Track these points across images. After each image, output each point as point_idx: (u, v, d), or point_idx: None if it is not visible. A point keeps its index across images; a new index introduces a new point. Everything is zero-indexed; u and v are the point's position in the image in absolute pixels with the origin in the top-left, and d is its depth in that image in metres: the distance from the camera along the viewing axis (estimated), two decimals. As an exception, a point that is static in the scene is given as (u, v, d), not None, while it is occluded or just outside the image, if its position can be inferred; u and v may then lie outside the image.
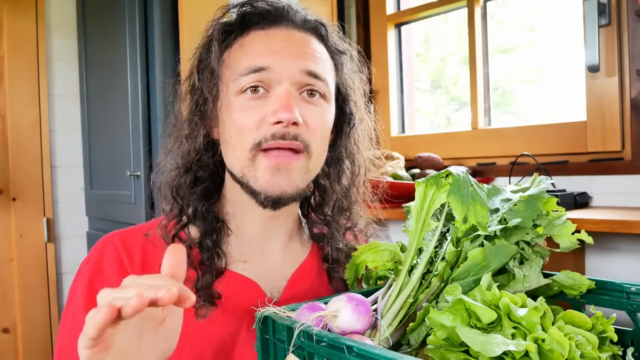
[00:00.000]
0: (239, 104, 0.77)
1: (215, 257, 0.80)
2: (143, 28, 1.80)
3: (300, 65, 0.77)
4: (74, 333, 0.76)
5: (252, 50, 0.78)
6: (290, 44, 0.78)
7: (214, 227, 0.82)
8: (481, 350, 0.51)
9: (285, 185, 0.76)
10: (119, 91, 1.94)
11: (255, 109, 0.76)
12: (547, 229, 0.70)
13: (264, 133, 0.74)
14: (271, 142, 0.74)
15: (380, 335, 0.62)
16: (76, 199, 2.38)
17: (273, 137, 0.74)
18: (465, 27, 1.83)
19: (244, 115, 0.76)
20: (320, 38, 0.83)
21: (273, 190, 0.76)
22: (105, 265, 0.79)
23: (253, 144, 0.75)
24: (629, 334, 0.68)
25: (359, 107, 0.88)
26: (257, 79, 0.76)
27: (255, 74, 0.76)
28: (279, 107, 0.74)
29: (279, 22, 0.80)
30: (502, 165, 1.68)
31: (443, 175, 0.66)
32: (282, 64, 0.76)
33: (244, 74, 0.76)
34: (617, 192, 1.43)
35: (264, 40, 0.79)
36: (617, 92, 1.42)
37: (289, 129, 0.74)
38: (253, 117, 0.75)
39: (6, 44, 2.20)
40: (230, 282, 0.80)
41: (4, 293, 2.19)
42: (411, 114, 2.11)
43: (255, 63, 0.76)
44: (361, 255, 0.76)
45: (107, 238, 0.83)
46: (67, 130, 2.37)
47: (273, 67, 0.75)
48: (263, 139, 0.74)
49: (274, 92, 0.76)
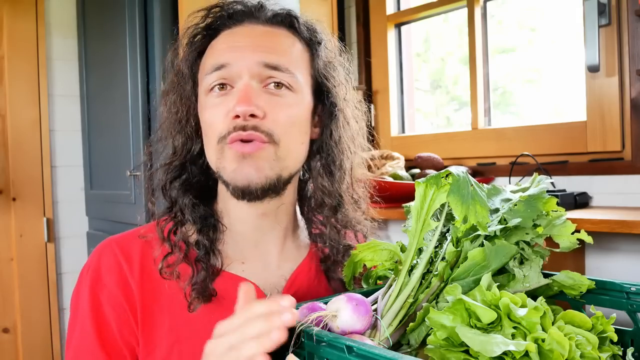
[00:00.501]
0: (208, 102, 0.80)
1: (210, 254, 0.80)
2: (143, 28, 1.80)
3: (258, 57, 0.78)
4: (84, 342, 0.77)
5: (217, 49, 0.81)
6: (252, 39, 0.80)
7: (208, 224, 0.83)
8: (481, 350, 0.51)
9: (251, 174, 0.76)
10: (119, 91, 1.94)
11: (220, 105, 0.78)
12: (547, 229, 0.70)
13: (227, 126, 0.77)
14: (233, 134, 0.76)
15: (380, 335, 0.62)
16: (76, 199, 2.38)
17: (234, 129, 0.76)
18: (465, 27, 1.83)
19: (212, 112, 0.79)
20: (293, 30, 0.84)
21: (240, 179, 0.77)
22: (103, 272, 0.80)
23: (219, 137, 0.78)
24: (629, 334, 0.68)
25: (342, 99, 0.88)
26: (221, 77, 0.78)
27: (218, 72, 0.78)
28: (236, 101, 0.76)
29: (244, 20, 0.82)
30: (502, 165, 1.68)
31: (443, 175, 0.66)
32: (241, 59, 0.78)
33: (208, 73, 0.79)
34: (617, 192, 1.43)
35: (228, 38, 0.81)
36: (617, 92, 1.42)
37: (247, 121, 0.76)
38: (219, 112, 0.78)
39: (6, 44, 2.20)
40: (229, 283, 0.80)
41: (4, 293, 2.19)
42: (411, 114, 2.11)
43: (217, 61, 0.79)
44: (360, 254, 0.76)
45: (104, 244, 0.83)
46: (67, 130, 2.37)
47: (232, 62, 0.78)
48: (226, 132, 0.77)
49: (236, 87, 0.78)
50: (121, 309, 0.77)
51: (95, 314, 0.78)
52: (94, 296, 0.78)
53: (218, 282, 0.80)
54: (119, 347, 0.77)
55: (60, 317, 2.31)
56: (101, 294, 0.78)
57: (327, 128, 0.86)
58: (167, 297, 0.79)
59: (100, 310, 0.78)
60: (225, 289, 0.80)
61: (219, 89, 0.79)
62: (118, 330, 0.77)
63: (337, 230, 0.88)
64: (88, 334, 0.77)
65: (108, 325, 0.77)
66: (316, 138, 0.86)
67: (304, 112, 0.82)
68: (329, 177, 0.87)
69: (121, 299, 0.78)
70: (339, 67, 0.88)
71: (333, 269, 0.87)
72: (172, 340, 0.76)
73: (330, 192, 0.87)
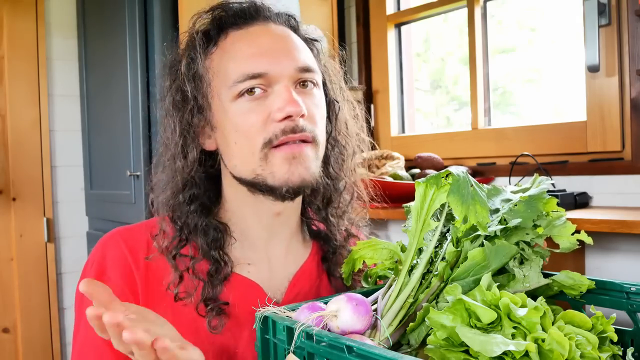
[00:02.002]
0: (238, 109, 0.76)
1: (222, 264, 0.79)
2: (143, 28, 1.80)
3: (294, 63, 0.77)
4: (89, 336, 0.76)
5: (240, 53, 0.77)
6: (277, 42, 0.79)
7: (217, 237, 0.81)
8: (481, 350, 0.51)
9: (304, 173, 0.76)
10: (119, 91, 1.94)
11: (257, 110, 0.75)
12: (547, 230, 0.70)
13: (273, 130, 0.74)
14: (282, 138, 0.74)
15: (380, 335, 0.62)
16: (76, 199, 2.38)
17: (283, 132, 0.74)
18: (465, 27, 1.83)
19: (248, 117, 0.76)
20: (294, 30, 0.84)
21: (294, 179, 0.76)
22: (108, 264, 0.79)
23: (263, 142, 0.75)
24: (629, 334, 0.68)
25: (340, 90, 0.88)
26: (255, 84, 0.76)
27: (252, 80, 0.75)
28: (284, 103, 0.74)
29: (255, 19, 0.80)
30: (502, 165, 1.68)
31: (443, 175, 0.66)
32: (277, 66, 0.76)
33: (240, 81, 0.76)
34: (617, 192, 1.43)
35: (248, 40, 0.78)
36: (617, 92, 1.42)
37: (297, 122, 0.75)
38: (257, 117, 0.75)
39: (6, 44, 2.20)
40: (234, 284, 0.80)
41: (4, 293, 2.19)
42: (411, 114, 2.11)
43: (250, 69, 0.75)
44: (359, 251, 0.76)
45: (109, 236, 0.83)
46: (67, 130, 2.37)
47: (269, 70, 0.75)
48: (273, 136, 0.74)
49: (274, 90, 0.76)
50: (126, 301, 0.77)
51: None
52: None
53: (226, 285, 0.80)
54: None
55: (60, 317, 2.31)
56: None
57: (330, 120, 0.86)
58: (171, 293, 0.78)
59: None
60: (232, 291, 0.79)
61: (248, 94, 0.76)
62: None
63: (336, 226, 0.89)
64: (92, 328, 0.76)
65: None
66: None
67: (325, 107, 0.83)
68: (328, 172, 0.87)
69: (126, 291, 0.77)
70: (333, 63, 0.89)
71: (334, 268, 0.87)
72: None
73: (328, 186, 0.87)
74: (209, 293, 0.77)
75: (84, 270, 0.82)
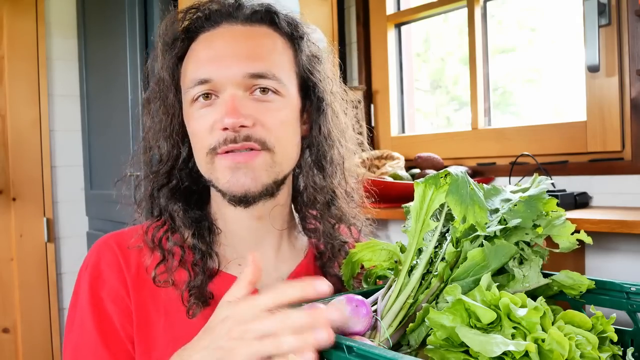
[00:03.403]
0: (193, 113, 0.79)
1: (207, 257, 0.80)
2: (143, 28, 1.80)
3: (243, 69, 0.76)
4: (83, 339, 0.76)
5: (197, 58, 0.79)
6: (232, 45, 0.78)
7: (202, 227, 0.82)
8: (481, 351, 0.51)
9: (248, 183, 0.76)
10: (119, 91, 1.94)
11: (206, 116, 0.77)
12: (546, 229, 0.70)
13: (216, 138, 0.76)
14: (224, 147, 0.75)
15: (380, 336, 0.62)
16: (76, 199, 2.38)
17: (225, 142, 0.75)
18: (465, 27, 1.83)
19: (198, 123, 0.78)
20: (274, 26, 0.82)
21: (236, 189, 0.76)
22: (103, 268, 0.80)
23: (209, 149, 0.77)
24: (629, 334, 0.68)
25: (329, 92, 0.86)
26: (203, 89, 0.77)
27: (201, 86, 0.77)
28: (224, 113, 0.74)
29: (223, 21, 0.80)
30: (502, 165, 1.68)
31: (442, 176, 0.66)
32: (223, 72, 0.76)
33: (191, 87, 0.78)
34: (617, 192, 1.43)
35: (207, 45, 0.79)
36: (617, 92, 1.42)
37: (238, 132, 0.75)
38: (204, 124, 0.77)
39: (6, 44, 2.20)
40: (226, 283, 0.80)
41: (4, 293, 2.19)
42: (411, 114, 2.11)
43: (198, 75, 0.77)
44: (358, 253, 0.76)
45: (102, 241, 0.83)
46: (67, 130, 2.37)
47: (215, 77, 0.76)
48: (217, 144, 0.76)
49: (222, 97, 0.77)
50: (123, 304, 0.77)
51: (96, 310, 0.77)
52: (94, 292, 0.78)
53: (215, 282, 0.80)
54: (121, 341, 0.76)
55: (60, 317, 2.31)
56: (101, 289, 0.78)
57: (316, 123, 0.85)
58: (163, 297, 0.78)
59: (101, 305, 0.77)
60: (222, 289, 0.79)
61: (204, 99, 0.77)
62: (120, 325, 0.76)
63: (331, 225, 0.88)
64: (88, 331, 0.76)
65: (109, 320, 0.77)
66: (305, 134, 0.85)
67: (293, 113, 0.81)
68: (320, 172, 0.86)
69: (122, 293, 0.78)
70: (324, 60, 0.86)
71: (329, 264, 0.87)
72: (168, 339, 0.76)
73: (322, 186, 0.86)
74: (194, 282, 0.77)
75: (79, 276, 0.82)
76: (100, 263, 0.80)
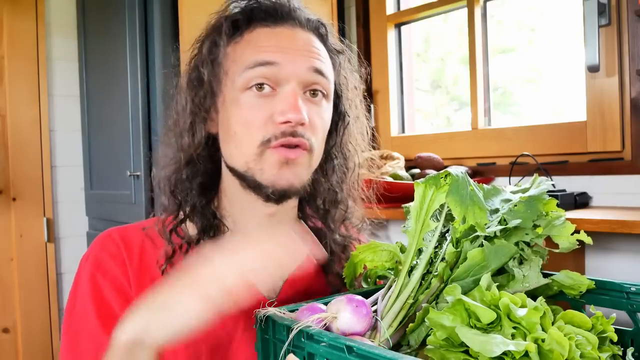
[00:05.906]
0: (245, 101, 0.77)
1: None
2: (143, 28, 1.80)
3: (307, 63, 0.78)
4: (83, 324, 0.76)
5: (259, 45, 0.78)
6: (297, 42, 0.79)
7: (211, 224, 0.82)
8: (481, 351, 0.51)
9: (292, 179, 0.77)
10: (119, 91, 1.94)
11: (262, 107, 0.76)
12: (546, 230, 0.70)
13: (272, 131, 0.75)
14: (281, 140, 0.75)
15: (380, 337, 0.62)
16: (76, 199, 2.38)
17: (283, 134, 0.75)
18: (465, 27, 1.83)
19: (252, 112, 0.77)
20: (321, 38, 0.84)
21: (281, 183, 0.77)
22: (106, 259, 0.80)
23: (262, 140, 0.76)
24: (629, 334, 0.68)
25: (354, 105, 0.89)
26: (264, 74, 0.76)
27: (262, 68, 0.76)
28: (287, 107, 0.75)
29: (284, 21, 0.81)
30: (502, 166, 1.68)
31: (442, 176, 0.66)
32: (290, 61, 0.77)
33: (250, 67, 0.76)
34: (617, 192, 1.43)
35: (272, 37, 0.79)
36: (617, 92, 1.42)
37: (296, 128, 0.75)
38: (260, 114, 0.76)
39: (6, 44, 2.20)
40: None
41: (4, 293, 2.19)
42: (411, 114, 2.11)
43: (263, 57, 0.76)
44: (360, 255, 0.76)
45: (106, 234, 0.84)
46: (67, 130, 2.37)
47: (281, 63, 0.76)
48: (272, 137, 0.75)
49: (281, 90, 0.77)
50: (124, 292, 0.77)
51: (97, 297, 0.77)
52: (95, 280, 0.78)
53: None
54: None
55: (60, 317, 2.31)
56: (103, 277, 0.78)
57: (337, 133, 0.88)
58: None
59: (102, 293, 0.77)
60: None
61: (257, 89, 0.77)
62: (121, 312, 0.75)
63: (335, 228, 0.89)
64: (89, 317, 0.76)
65: (110, 307, 0.76)
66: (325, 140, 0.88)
67: (330, 119, 0.84)
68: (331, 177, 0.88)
69: (124, 283, 0.78)
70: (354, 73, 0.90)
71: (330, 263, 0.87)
72: None
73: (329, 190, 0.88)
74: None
75: (80, 266, 0.82)
76: (103, 253, 0.80)
